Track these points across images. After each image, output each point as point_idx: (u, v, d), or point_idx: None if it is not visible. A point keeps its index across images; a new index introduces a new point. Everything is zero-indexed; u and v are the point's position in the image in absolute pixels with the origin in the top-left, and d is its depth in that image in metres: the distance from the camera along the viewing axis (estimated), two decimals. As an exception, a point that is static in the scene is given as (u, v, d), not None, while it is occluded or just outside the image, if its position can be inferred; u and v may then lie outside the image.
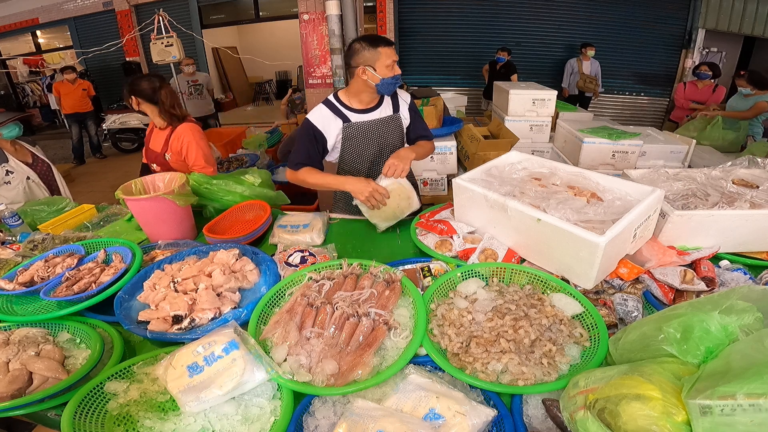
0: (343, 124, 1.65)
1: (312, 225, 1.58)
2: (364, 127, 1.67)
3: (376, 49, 1.53)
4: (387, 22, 6.42)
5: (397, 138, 1.78)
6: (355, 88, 1.64)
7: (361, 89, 1.63)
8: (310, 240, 1.52)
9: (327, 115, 1.64)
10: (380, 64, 1.54)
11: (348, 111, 1.66)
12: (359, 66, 1.56)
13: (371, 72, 1.54)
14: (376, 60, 1.53)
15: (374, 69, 1.54)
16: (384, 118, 1.72)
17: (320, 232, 1.56)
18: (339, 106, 1.66)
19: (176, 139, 1.93)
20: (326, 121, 1.64)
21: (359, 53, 1.55)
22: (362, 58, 1.55)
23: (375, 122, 1.69)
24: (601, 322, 0.98)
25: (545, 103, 3.51)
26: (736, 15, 6.03)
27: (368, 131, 1.68)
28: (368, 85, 1.59)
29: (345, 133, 1.65)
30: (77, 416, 0.83)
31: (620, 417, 0.63)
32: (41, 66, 10.07)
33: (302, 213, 1.73)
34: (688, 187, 1.41)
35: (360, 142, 1.69)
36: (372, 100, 1.69)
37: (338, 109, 1.65)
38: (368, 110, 1.69)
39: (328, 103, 1.67)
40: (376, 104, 1.70)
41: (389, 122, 1.73)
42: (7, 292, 1.24)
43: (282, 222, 1.63)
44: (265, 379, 0.88)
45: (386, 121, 1.72)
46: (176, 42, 4.96)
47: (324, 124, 1.63)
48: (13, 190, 2.05)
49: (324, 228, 1.61)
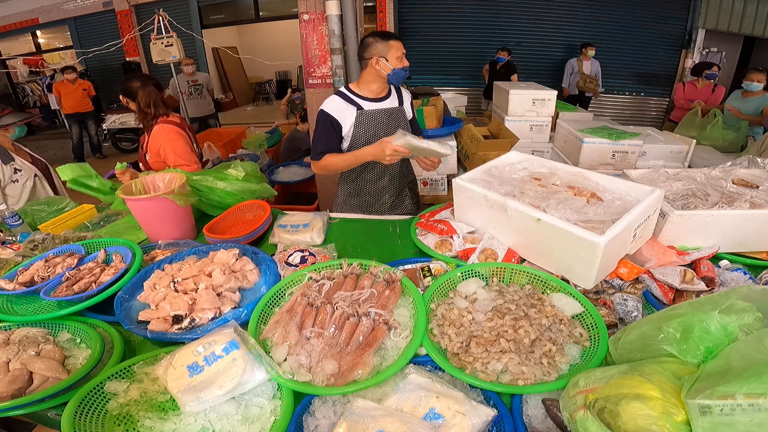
0: (357, 111, 1.75)
1: (312, 225, 1.58)
2: (377, 114, 1.79)
3: (387, 42, 1.67)
4: (387, 22, 6.42)
5: (403, 128, 1.87)
6: (367, 79, 1.76)
7: (372, 79, 1.75)
8: (310, 240, 1.52)
9: (341, 104, 1.75)
10: (392, 56, 1.67)
11: (360, 99, 1.77)
12: (373, 57, 1.68)
13: (384, 62, 1.68)
14: (388, 51, 1.67)
15: (386, 60, 1.67)
16: (392, 108, 1.84)
17: (320, 231, 1.56)
18: (351, 95, 1.77)
19: (153, 140, 1.95)
20: (340, 109, 1.74)
21: (372, 45, 1.68)
22: (375, 49, 1.68)
23: (385, 111, 1.81)
24: (601, 321, 0.98)
25: (545, 103, 3.51)
26: (736, 15, 6.03)
27: (380, 119, 1.80)
28: (380, 75, 1.72)
29: (358, 120, 1.76)
30: (77, 416, 0.83)
31: (620, 417, 0.63)
32: (41, 66, 10.06)
33: (302, 213, 1.73)
34: (688, 187, 1.41)
35: (371, 130, 1.79)
36: (382, 90, 1.81)
37: (351, 98, 1.76)
38: (379, 99, 1.81)
39: (340, 93, 1.78)
40: (385, 95, 1.83)
41: (397, 113, 1.86)
42: (7, 292, 1.24)
43: (282, 222, 1.63)
44: (265, 379, 0.88)
45: (394, 111, 1.85)
46: (176, 42, 4.96)
47: (339, 113, 1.74)
48: (21, 188, 2.05)
49: (324, 228, 1.61)
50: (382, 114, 1.80)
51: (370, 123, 1.78)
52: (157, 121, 1.99)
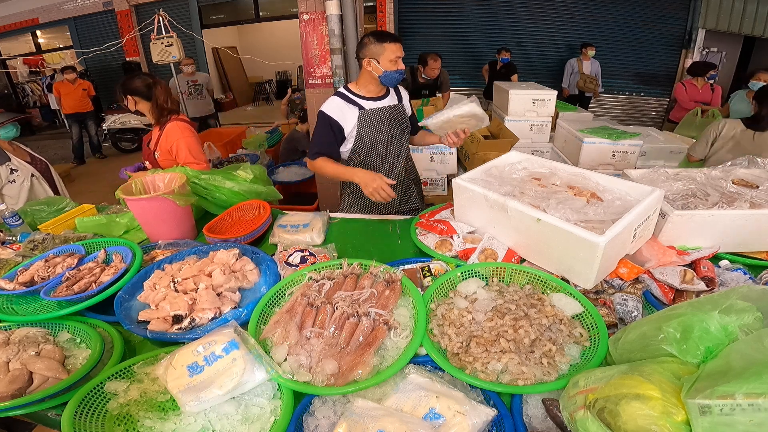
0: (359, 111, 1.75)
1: (312, 225, 1.58)
2: (379, 112, 1.79)
3: (381, 44, 1.65)
4: (387, 22, 6.42)
5: (405, 124, 1.91)
6: (364, 80, 1.77)
7: (368, 80, 1.76)
8: (310, 240, 1.52)
9: (341, 105, 1.75)
10: (384, 58, 1.66)
11: (361, 99, 1.77)
12: (366, 58, 1.69)
13: (375, 64, 1.67)
14: (381, 54, 1.66)
15: (378, 62, 1.67)
16: (393, 106, 1.85)
17: (320, 231, 1.56)
18: (351, 96, 1.77)
19: (165, 137, 1.92)
20: (341, 111, 1.74)
21: (367, 46, 1.68)
22: (369, 51, 1.67)
23: (386, 108, 1.81)
24: (601, 321, 0.98)
25: (545, 103, 3.51)
26: (736, 15, 6.03)
27: (382, 117, 1.80)
28: (373, 77, 1.72)
29: (361, 120, 1.75)
30: (77, 416, 0.83)
31: (620, 417, 0.64)
32: (41, 66, 10.06)
33: (302, 213, 1.73)
34: (688, 187, 1.41)
35: (375, 128, 1.79)
36: (379, 90, 1.81)
37: (351, 98, 1.76)
38: (378, 98, 1.81)
39: (340, 94, 1.77)
40: (383, 94, 1.83)
41: (397, 110, 1.87)
42: (7, 292, 1.24)
43: (282, 222, 1.63)
44: (265, 379, 0.88)
45: (395, 108, 1.85)
46: (176, 42, 4.96)
47: (339, 114, 1.74)
48: (18, 188, 2.05)
49: (324, 228, 1.61)
50: (384, 112, 1.80)
51: (373, 122, 1.78)
52: (171, 119, 1.95)
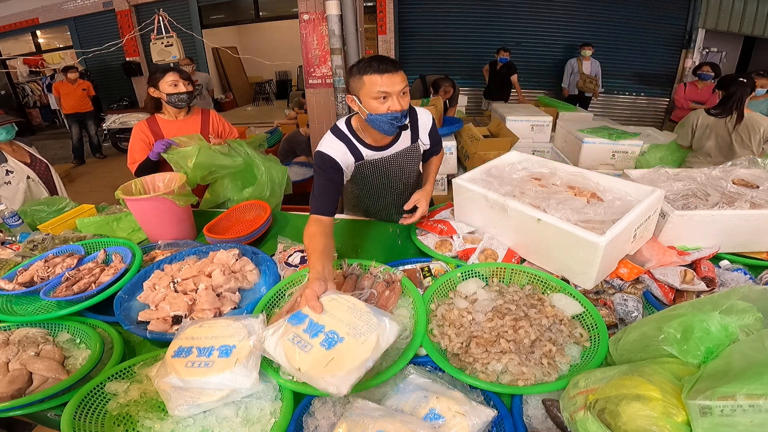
0: (356, 162, 1.39)
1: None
2: (379, 163, 1.44)
3: (361, 77, 1.19)
4: (387, 22, 6.41)
5: (414, 166, 1.57)
6: (360, 121, 1.36)
7: (364, 125, 1.34)
8: (310, 240, 1.52)
9: (340, 148, 1.35)
10: (365, 95, 1.21)
11: (362, 146, 1.38)
12: (347, 94, 1.29)
13: (358, 103, 1.25)
14: (360, 89, 1.21)
15: (359, 100, 1.24)
16: (401, 151, 1.46)
17: (320, 232, 1.55)
18: (353, 139, 1.37)
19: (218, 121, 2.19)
20: (339, 154, 1.34)
21: (349, 78, 1.26)
22: (350, 84, 1.26)
23: (391, 157, 1.45)
24: (601, 322, 0.98)
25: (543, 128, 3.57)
26: (736, 15, 6.02)
27: (382, 167, 1.46)
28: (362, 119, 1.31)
29: (357, 171, 1.43)
30: (77, 416, 0.83)
31: (620, 417, 0.63)
32: (41, 66, 10.07)
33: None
34: (688, 187, 1.41)
35: (373, 178, 1.50)
36: (383, 137, 1.37)
37: (352, 142, 1.37)
38: (383, 147, 1.42)
39: (339, 134, 1.38)
40: (392, 140, 1.42)
41: (407, 153, 1.48)
42: (7, 292, 1.24)
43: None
44: (264, 380, 0.88)
45: (403, 153, 1.47)
46: (176, 42, 4.97)
47: (339, 157, 1.34)
48: (14, 189, 2.04)
49: (324, 228, 1.60)
50: (386, 161, 1.45)
51: (372, 173, 1.47)
52: None
